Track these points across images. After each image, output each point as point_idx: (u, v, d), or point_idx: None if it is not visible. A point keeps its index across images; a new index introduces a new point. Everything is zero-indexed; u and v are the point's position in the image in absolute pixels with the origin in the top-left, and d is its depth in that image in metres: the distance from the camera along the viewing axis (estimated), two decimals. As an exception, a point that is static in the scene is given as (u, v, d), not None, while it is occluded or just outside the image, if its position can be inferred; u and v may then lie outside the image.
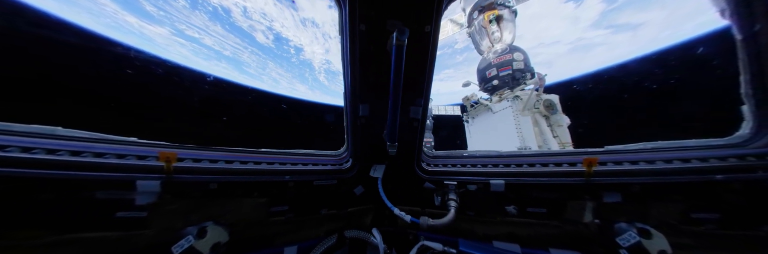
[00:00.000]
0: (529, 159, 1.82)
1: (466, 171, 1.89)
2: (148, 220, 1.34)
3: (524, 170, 1.75)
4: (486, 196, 1.83)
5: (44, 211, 1.16)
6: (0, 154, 1.04)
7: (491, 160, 1.93)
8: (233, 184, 1.53)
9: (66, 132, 1.25)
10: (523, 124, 7.69)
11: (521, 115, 7.74)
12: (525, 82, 8.10)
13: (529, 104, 7.63)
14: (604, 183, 1.58)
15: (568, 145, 7.90)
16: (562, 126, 8.00)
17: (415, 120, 1.67)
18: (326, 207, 1.99)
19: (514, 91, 8.07)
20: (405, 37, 1.16)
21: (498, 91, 8.59)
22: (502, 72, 8.32)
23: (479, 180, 1.81)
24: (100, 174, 1.18)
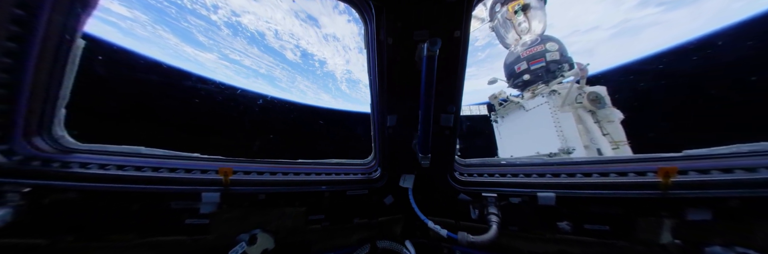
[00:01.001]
0: (583, 168, 1.63)
1: (507, 182, 1.76)
2: (209, 227, 1.57)
3: (579, 181, 1.56)
4: (532, 210, 1.68)
5: (133, 219, 1.43)
6: (101, 172, 1.33)
7: (536, 169, 1.77)
8: (278, 195, 1.70)
9: (147, 150, 1.54)
10: (563, 121, 7.00)
11: (561, 112, 7.06)
12: (562, 74, 7.39)
13: (570, 98, 6.92)
14: (687, 197, 1.33)
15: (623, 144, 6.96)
16: (612, 121, 7.09)
17: (447, 128, 1.63)
18: (358, 216, 2.05)
19: (550, 85, 7.41)
20: (437, 48, 1.17)
21: (530, 87, 7.97)
22: (534, 65, 7.71)
23: (524, 192, 1.67)
24: (174, 187, 1.43)
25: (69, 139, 1.39)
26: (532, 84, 7.91)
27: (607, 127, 6.94)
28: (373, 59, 1.60)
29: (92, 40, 2.26)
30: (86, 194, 1.30)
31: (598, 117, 7.04)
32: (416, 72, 1.45)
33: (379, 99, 1.66)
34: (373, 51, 1.55)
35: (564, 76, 7.25)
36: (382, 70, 1.51)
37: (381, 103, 1.66)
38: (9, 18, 0.99)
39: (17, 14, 1.00)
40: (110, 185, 1.30)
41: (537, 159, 1.99)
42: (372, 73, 1.66)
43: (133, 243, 1.43)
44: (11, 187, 1.14)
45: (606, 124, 6.96)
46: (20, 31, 1.03)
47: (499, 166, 1.93)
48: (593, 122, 6.93)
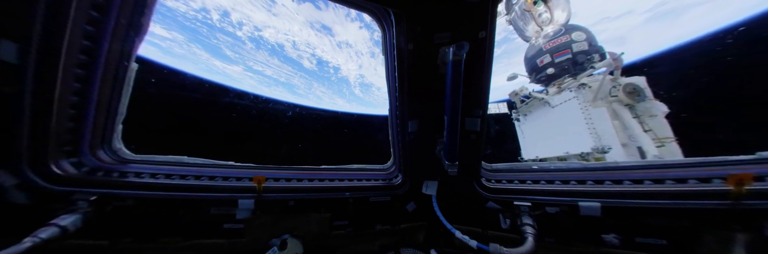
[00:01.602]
0: (633, 174, 1.47)
1: (542, 190, 1.65)
2: (244, 231, 1.69)
3: (628, 189, 1.41)
4: (573, 221, 1.56)
5: (179, 223, 1.58)
6: (153, 181, 1.48)
7: (574, 175, 1.64)
8: (305, 201, 1.77)
9: (189, 159, 1.70)
10: (596, 117, 6.48)
11: (592, 107, 6.54)
12: (592, 65, 6.84)
13: (603, 92, 6.39)
14: (764, 209, 1.15)
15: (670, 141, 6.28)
16: (655, 116, 6.41)
17: (473, 132, 1.57)
18: (380, 222, 2.07)
19: (579, 78, 6.90)
20: (464, 52, 1.14)
21: (555, 81, 7.47)
22: (559, 57, 7.23)
23: (562, 201, 1.55)
24: (214, 195, 1.55)
25: (125, 151, 1.57)
26: (558, 78, 7.41)
27: (648, 123, 6.30)
28: (391, 65, 1.62)
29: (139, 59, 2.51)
30: (141, 201, 1.45)
31: (638, 111, 6.42)
32: (439, 76, 1.44)
33: (399, 104, 1.66)
34: (392, 57, 1.58)
35: (594, 68, 6.70)
36: (402, 75, 1.51)
37: (401, 109, 1.65)
38: (78, 49, 1.14)
39: (85, 45, 1.15)
40: (160, 193, 1.45)
41: (574, 163, 1.84)
42: (390, 78, 1.69)
43: (179, 246, 1.59)
44: (81, 196, 1.31)
45: (647, 118, 6.32)
46: (87, 60, 1.18)
47: (530, 172, 1.82)
48: (632, 117, 6.34)
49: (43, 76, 1.06)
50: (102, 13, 1.12)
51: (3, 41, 0.96)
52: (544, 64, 7.50)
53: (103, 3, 1.11)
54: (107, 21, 1.15)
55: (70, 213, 1.25)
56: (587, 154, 6.52)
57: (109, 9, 1.13)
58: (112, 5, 1.13)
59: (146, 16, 1.27)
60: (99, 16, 1.12)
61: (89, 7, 1.07)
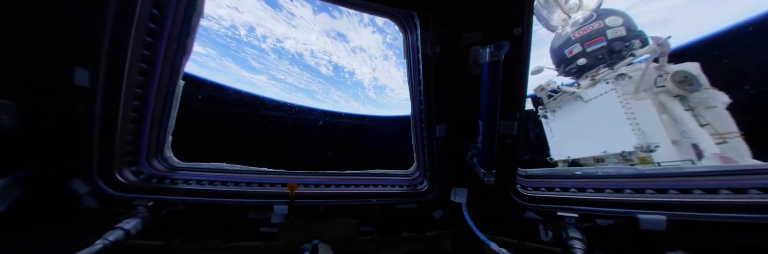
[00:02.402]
0: (705, 181, 1.28)
1: (590, 200, 1.50)
2: (278, 235, 1.80)
3: (700, 199, 1.23)
4: (631, 236, 1.40)
5: (222, 226, 1.72)
6: (199, 187, 1.62)
7: (629, 182, 1.47)
8: (334, 207, 1.83)
9: (229, 166, 1.84)
10: (639, 111, 5.86)
11: (634, 99, 5.93)
12: (632, 53, 6.20)
13: (647, 82, 5.75)
14: None
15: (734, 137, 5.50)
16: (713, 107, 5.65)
17: (509, 136, 1.48)
18: (406, 229, 2.07)
19: (617, 68, 6.28)
20: (503, 52, 1.09)
21: (588, 73, 6.89)
22: (592, 46, 6.64)
23: (617, 212, 1.39)
24: (252, 200, 1.65)
25: (174, 159, 1.73)
26: (591, 69, 6.81)
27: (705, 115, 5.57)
28: (415, 69, 1.60)
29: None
30: (190, 206, 1.60)
31: (691, 102, 5.69)
32: (469, 77, 1.39)
33: (424, 108, 1.62)
34: (416, 60, 1.56)
35: (635, 56, 6.06)
36: (429, 79, 1.48)
37: (427, 113, 1.62)
38: (137, 71, 1.29)
39: (142, 67, 1.30)
40: (206, 199, 1.58)
41: (627, 169, 1.65)
42: (414, 82, 1.67)
43: (221, 247, 1.73)
44: (141, 202, 1.47)
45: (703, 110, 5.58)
46: (144, 80, 1.34)
47: (574, 178, 1.65)
48: (684, 110, 5.64)
49: (110, 96, 1.22)
50: (155, 38, 1.26)
51: (77, 68, 1.11)
52: (573, 54, 6.94)
53: (156, 29, 1.24)
54: (159, 45, 1.29)
55: (132, 217, 1.41)
56: (629, 153, 5.92)
57: (161, 34, 1.27)
58: (163, 30, 1.27)
59: (191, 38, 1.40)
60: (153, 41, 1.26)
61: (145, 33, 1.21)
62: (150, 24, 1.21)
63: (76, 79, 1.12)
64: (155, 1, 1.18)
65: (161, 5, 1.21)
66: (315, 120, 23.02)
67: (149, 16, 1.18)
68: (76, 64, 1.10)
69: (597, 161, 6.77)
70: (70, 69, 1.10)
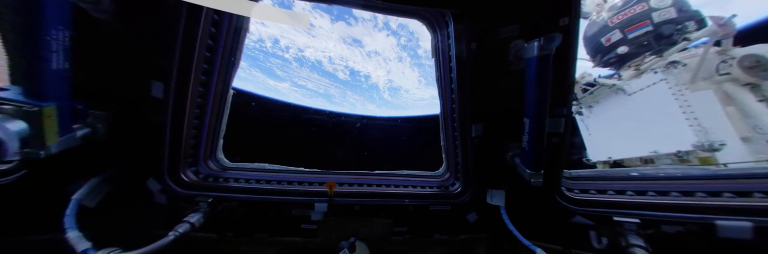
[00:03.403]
0: None
1: (653, 204, 1.38)
2: (317, 232, 1.93)
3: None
4: (708, 245, 1.28)
5: (268, 222, 1.88)
6: (246, 185, 1.76)
7: (699, 185, 1.34)
8: (369, 206, 1.91)
9: (270, 166, 2.00)
10: (697, 103, 5.17)
11: (691, 90, 5.25)
12: (685, 36, 5.50)
13: (707, 70, 5.05)
14: None
15: (829, 131, 4.62)
16: (797, 97, 4.83)
17: (555, 135, 1.40)
18: (439, 231, 2.08)
19: (667, 55, 5.61)
20: (554, 45, 1.06)
21: (631, 62, 6.23)
22: (634, 31, 6.01)
23: (687, 218, 1.28)
24: (295, 198, 1.78)
25: (225, 160, 1.93)
26: (634, 58, 6.16)
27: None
28: (446, 67, 1.60)
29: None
30: (242, 202, 1.77)
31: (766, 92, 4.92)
32: (509, 73, 1.36)
33: (458, 107, 1.61)
34: (446, 59, 1.56)
35: (690, 40, 5.35)
36: (463, 76, 1.47)
37: (462, 112, 1.60)
38: (199, 83, 1.48)
39: (202, 80, 1.48)
40: (256, 196, 1.75)
41: (694, 170, 1.47)
42: (445, 80, 1.67)
43: (266, 241, 1.91)
44: (202, 198, 1.67)
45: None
46: (203, 91, 1.52)
47: (629, 180, 1.51)
48: (757, 100, 4.88)
49: (178, 106, 1.40)
50: (213, 53, 1.43)
51: (154, 82, 1.30)
52: (612, 42, 6.32)
53: (213, 45, 1.40)
54: (216, 59, 1.46)
55: (195, 212, 1.61)
56: (687, 153, 5.23)
57: (217, 49, 1.44)
58: (219, 46, 1.44)
59: (239, 52, 1.57)
60: (211, 56, 1.43)
61: (205, 49, 1.38)
62: (209, 41, 1.37)
63: (153, 92, 1.31)
64: (214, 20, 1.33)
65: (218, 24, 1.36)
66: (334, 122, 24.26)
67: (209, 34, 1.34)
68: (153, 78, 1.29)
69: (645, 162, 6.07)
70: (148, 83, 1.29)
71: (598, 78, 6.57)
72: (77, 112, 1.21)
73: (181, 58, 1.28)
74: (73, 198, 1.37)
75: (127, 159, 1.51)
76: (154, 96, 1.31)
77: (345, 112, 30.72)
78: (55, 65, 1.02)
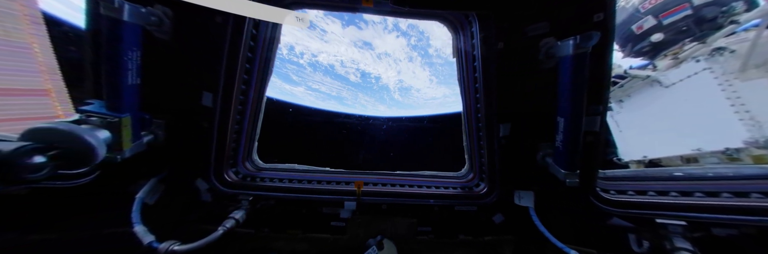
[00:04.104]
0: None
1: (700, 205, 1.31)
2: (345, 229, 2.04)
3: None
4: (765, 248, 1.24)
5: (301, 219, 2.03)
6: (280, 185, 1.90)
7: (758, 185, 1.26)
8: (395, 206, 2.00)
9: (299, 166, 2.14)
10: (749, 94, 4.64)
11: (740, 80, 4.73)
12: (733, 19, 4.95)
13: (760, 56, 4.54)
14: None
15: None
16: None
17: (590, 133, 1.36)
18: (463, 232, 2.11)
19: (711, 41, 5.09)
20: (591, 44, 1.05)
21: (667, 51, 5.72)
22: (670, 17, 5.50)
23: (742, 220, 1.21)
24: (326, 197, 1.89)
25: (259, 161, 2.09)
26: (671, 46, 5.64)
27: None
28: (468, 67, 1.63)
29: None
30: (279, 200, 1.94)
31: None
32: (539, 72, 1.36)
33: (483, 107, 1.62)
34: (470, 59, 1.58)
35: (739, 23, 4.81)
36: (489, 76, 1.48)
37: (488, 112, 1.61)
38: (240, 92, 1.63)
39: (242, 89, 1.63)
40: (290, 195, 1.89)
41: (749, 169, 1.36)
42: (468, 81, 1.69)
43: (298, 237, 2.06)
44: (244, 197, 1.84)
45: None
46: (243, 99, 1.69)
47: (671, 181, 1.42)
48: (826, 90, 4.29)
49: (223, 113, 1.56)
50: (251, 64, 1.58)
51: (204, 93, 1.47)
52: (644, 29, 5.84)
53: (251, 57, 1.55)
54: (253, 69, 1.61)
55: (238, 209, 1.79)
56: (737, 151, 4.72)
57: (255, 60, 1.59)
58: (256, 57, 1.58)
59: (272, 62, 1.71)
60: (250, 67, 1.58)
61: (246, 61, 1.52)
62: (248, 53, 1.51)
63: (203, 101, 1.48)
64: (252, 34, 1.47)
65: (256, 37, 1.50)
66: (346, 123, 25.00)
67: (248, 47, 1.48)
68: (204, 89, 1.45)
69: (687, 161, 5.54)
70: (200, 93, 1.46)
71: (629, 69, 6.10)
72: (144, 121, 1.40)
73: (226, 70, 1.43)
74: (137, 196, 1.58)
75: (179, 162, 1.71)
76: (204, 105, 1.48)
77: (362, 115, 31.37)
78: (130, 81, 1.19)
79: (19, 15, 6.74)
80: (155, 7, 1.19)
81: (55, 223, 1.58)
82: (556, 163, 1.41)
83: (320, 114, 24.63)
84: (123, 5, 1.05)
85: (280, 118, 19.68)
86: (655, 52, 5.94)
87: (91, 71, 1.27)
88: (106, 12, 1.04)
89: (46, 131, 0.96)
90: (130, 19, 1.08)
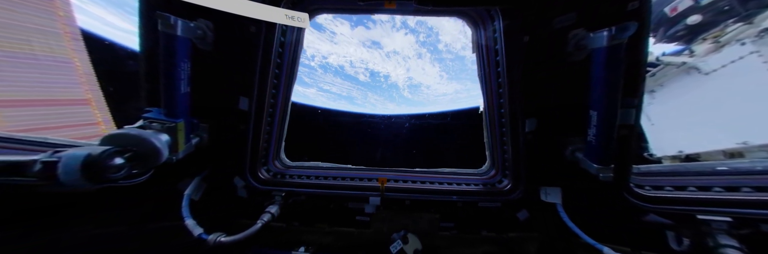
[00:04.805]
0: None
1: (749, 201, 1.25)
2: (369, 223, 2.14)
3: None
4: None
5: (329, 213, 2.16)
6: (308, 181, 2.03)
7: None
8: (418, 202, 2.06)
9: (323, 164, 2.27)
10: (806, 80, 4.23)
11: (796, 64, 4.30)
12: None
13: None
14: None
15: None
16: None
17: (626, 127, 1.32)
18: (486, 228, 2.13)
19: (759, 21, 4.63)
20: (627, 35, 1.03)
21: (707, 34, 5.26)
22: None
23: None
24: (352, 192, 2.00)
25: (287, 159, 2.24)
26: (711, 28, 5.19)
27: None
28: (490, 62, 1.62)
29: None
30: (309, 196, 2.07)
31: None
32: (568, 64, 1.34)
33: (508, 102, 1.62)
34: (492, 54, 1.57)
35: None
36: (514, 71, 1.47)
37: (512, 107, 1.61)
38: (271, 96, 1.76)
39: (272, 93, 1.76)
40: (319, 190, 2.02)
41: None
42: (489, 76, 1.68)
43: (325, 231, 2.18)
44: (277, 192, 2.00)
45: None
46: (273, 102, 1.81)
47: (713, 175, 1.35)
48: None
49: (257, 116, 1.71)
50: (279, 69, 1.70)
51: (241, 98, 1.62)
52: (679, 11, 5.39)
53: (280, 62, 1.67)
54: (282, 74, 1.73)
55: (272, 204, 1.94)
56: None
57: (283, 66, 1.72)
58: (284, 63, 1.71)
59: (297, 66, 1.82)
60: (278, 72, 1.71)
61: (276, 67, 1.65)
62: (277, 59, 1.63)
63: (240, 105, 1.62)
64: (281, 41, 1.58)
65: (283, 44, 1.61)
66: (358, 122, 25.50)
67: (278, 53, 1.60)
68: (241, 94, 1.60)
69: (730, 156, 5.13)
70: (237, 98, 1.61)
71: (662, 56, 5.69)
72: (194, 126, 1.57)
73: (260, 76, 1.57)
74: (185, 193, 1.78)
75: (219, 161, 1.89)
76: (241, 109, 1.63)
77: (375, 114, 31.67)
78: (182, 90, 1.35)
79: (61, 33, 7.49)
80: (199, 21, 1.31)
81: (118, 218, 1.81)
82: (588, 158, 1.38)
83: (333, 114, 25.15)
84: (177, 21, 1.18)
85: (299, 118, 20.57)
86: (691, 36, 5.48)
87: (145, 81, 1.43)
88: (163, 28, 1.17)
89: (121, 136, 1.12)
90: (182, 33, 1.21)
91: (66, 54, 7.62)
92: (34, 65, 7.09)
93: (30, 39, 6.97)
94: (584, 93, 1.26)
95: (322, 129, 22.35)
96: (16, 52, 6.76)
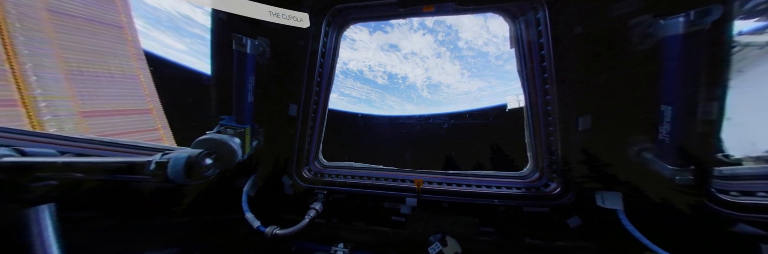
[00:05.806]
0: None
1: None
2: (405, 224, 2.17)
3: None
4: None
5: (365, 212, 2.24)
6: (345, 180, 2.19)
7: None
8: (456, 204, 2.05)
9: (357, 165, 2.40)
10: None
11: None
12: None
13: None
14: None
15: None
16: None
17: (707, 122, 1.19)
18: (531, 236, 2.00)
19: None
20: (710, 19, 0.92)
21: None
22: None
23: None
24: (388, 192, 2.09)
25: (324, 160, 2.41)
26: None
27: None
28: (533, 57, 1.56)
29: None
30: (348, 194, 2.19)
31: None
32: (630, 55, 1.23)
33: (557, 99, 1.53)
34: (534, 47, 1.52)
35: None
36: (563, 64, 1.41)
37: (562, 104, 1.52)
38: (313, 102, 1.93)
39: (315, 99, 1.94)
40: (358, 189, 2.14)
41: None
42: (532, 71, 1.61)
43: (361, 229, 2.28)
44: (319, 190, 2.16)
45: None
46: (315, 107, 1.99)
47: None
48: None
49: (303, 121, 1.91)
50: (320, 77, 1.87)
51: (291, 105, 1.82)
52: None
53: (321, 71, 1.83)
54: (322, 82, 1.90)
55: (316, 202, 2.11)
56: None
57: (324, 74, 1.88)
58: (324, 72, 1.87)
59: (334, 74, 1.97)
60: (319, 80, 1.87)
61: (317, 76, 1.82)
62: (319, 69, 1.79)
63: (290, 111, 1.83)
64: (322, 51, 1.73)
65: (324, 54, 1.77)
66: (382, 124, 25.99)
67: (319, 63, 1.76)
68: (290, 102, 1.80)
69: None
70: (287, 106, 1.81)
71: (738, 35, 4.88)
72: (255, 131, 1.79)
73: (306, 85, 1.76)
74: (244, 189, 2.02)
75: (270, 162, 2.11)
76: (290, 115, 1.83)
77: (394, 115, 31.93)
78: (248, 100, 1.58)
79: (129, 54, 9.18)
80: (259, 39, 1.52)
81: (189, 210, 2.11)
82: (660, 158, 1.26)
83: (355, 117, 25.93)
84: (247, 41, 1.40)
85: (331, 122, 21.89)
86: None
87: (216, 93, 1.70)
88: (236, 47, 1.41)
89: (209, 141, 1.35)
90: (250, 51, 1.43)
91: (133, 71, 9.25)
92: (111, 82, 8.67)
93: (107, 61, 8.59)
94: (652, 85, 1.16)
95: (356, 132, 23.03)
96: (99, 72, 8.36)
